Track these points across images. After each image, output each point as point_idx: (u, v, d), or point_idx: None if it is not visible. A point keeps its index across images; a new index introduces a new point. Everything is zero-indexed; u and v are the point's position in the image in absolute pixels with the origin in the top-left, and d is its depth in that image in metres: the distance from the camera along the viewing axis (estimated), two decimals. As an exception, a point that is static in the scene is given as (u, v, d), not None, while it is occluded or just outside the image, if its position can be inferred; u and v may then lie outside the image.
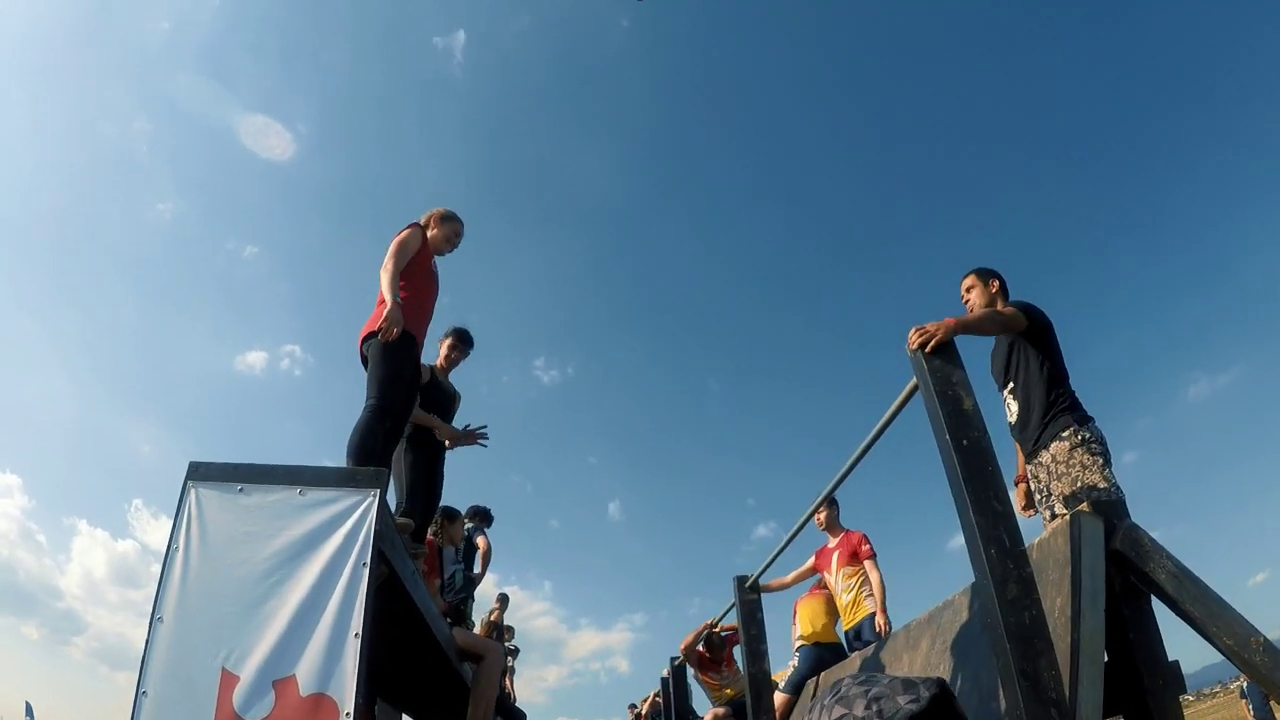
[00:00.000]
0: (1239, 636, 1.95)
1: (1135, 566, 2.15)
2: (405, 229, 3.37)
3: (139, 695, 2.14)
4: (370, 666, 2.19)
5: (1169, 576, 2.07)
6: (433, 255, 3.49)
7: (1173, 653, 2.15)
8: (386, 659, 3.75)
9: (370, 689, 3.88)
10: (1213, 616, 2.00)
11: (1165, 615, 2.15)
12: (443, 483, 4.06)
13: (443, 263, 3.63)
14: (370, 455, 2.82)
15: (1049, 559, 2.26)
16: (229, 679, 2.13)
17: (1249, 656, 1.92)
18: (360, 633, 2.17)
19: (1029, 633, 1.81)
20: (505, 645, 7.85)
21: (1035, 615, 1.83)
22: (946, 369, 2.18)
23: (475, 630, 5.99)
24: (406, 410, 3.33)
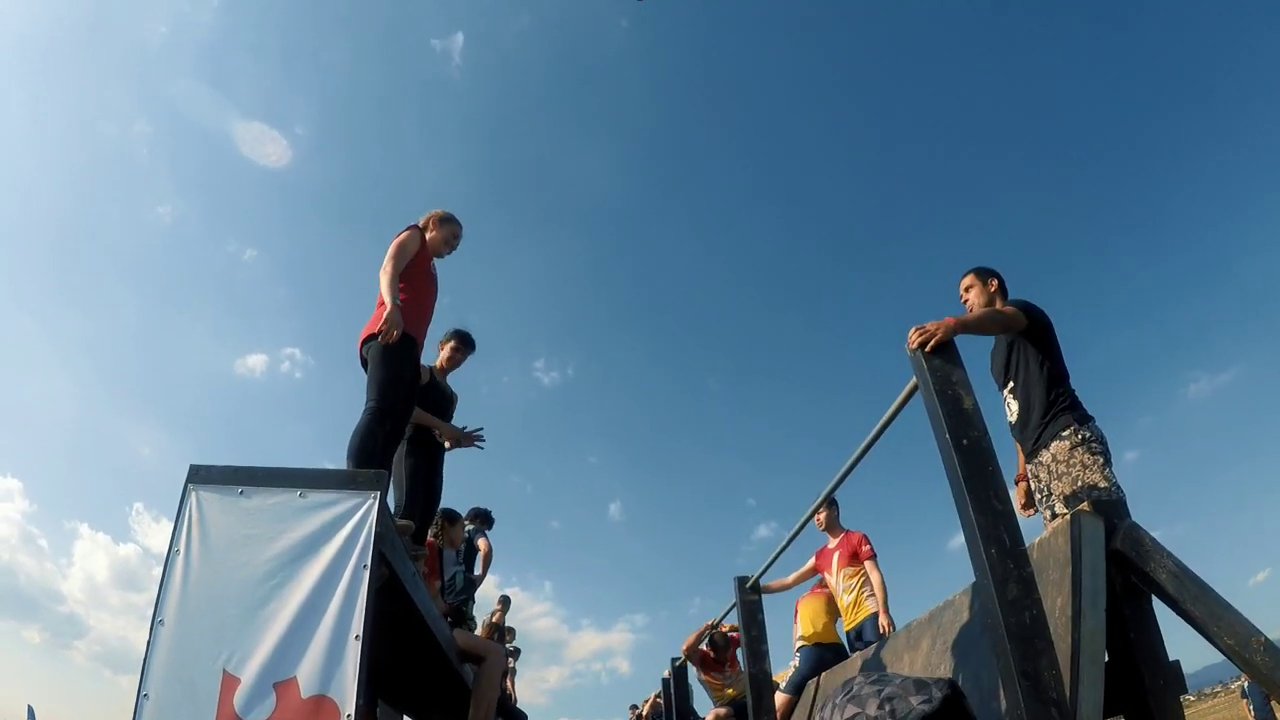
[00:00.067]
0: (1240, 636, 1.94)
1: (1136, 566, 2.14)
2: (404, 231, 3.37)
3: (140, 698, 2.14)
4: (371, 668, 2.19)
5: (1170, 576, 2.07)
6: (432, 257, 3.50)
7: (1173, 652, 2.14)
8: (387, 660, 3.75)
9: (371, 690, 3.88)
10: (1213, 616, 2.00)
11: (1166, 615, 2.15)
12: (442, 484, 4.07)
13: (442, 264, 3.63)
14: (370, 457, 2.83)
15: (1049, 559, 2.25)
16: (230, 681, 2.13)
17: (1250, 656, 1.92)
18: (361, 634, 2.17)
19: (1029, 632, 1.80)
20: (506, 646, 7.85)
21: (1036, 615, 1.83)
22: (946, 368, 2.18)
23: (477, 631, 5.99)
24: (406, 412, 3.33)
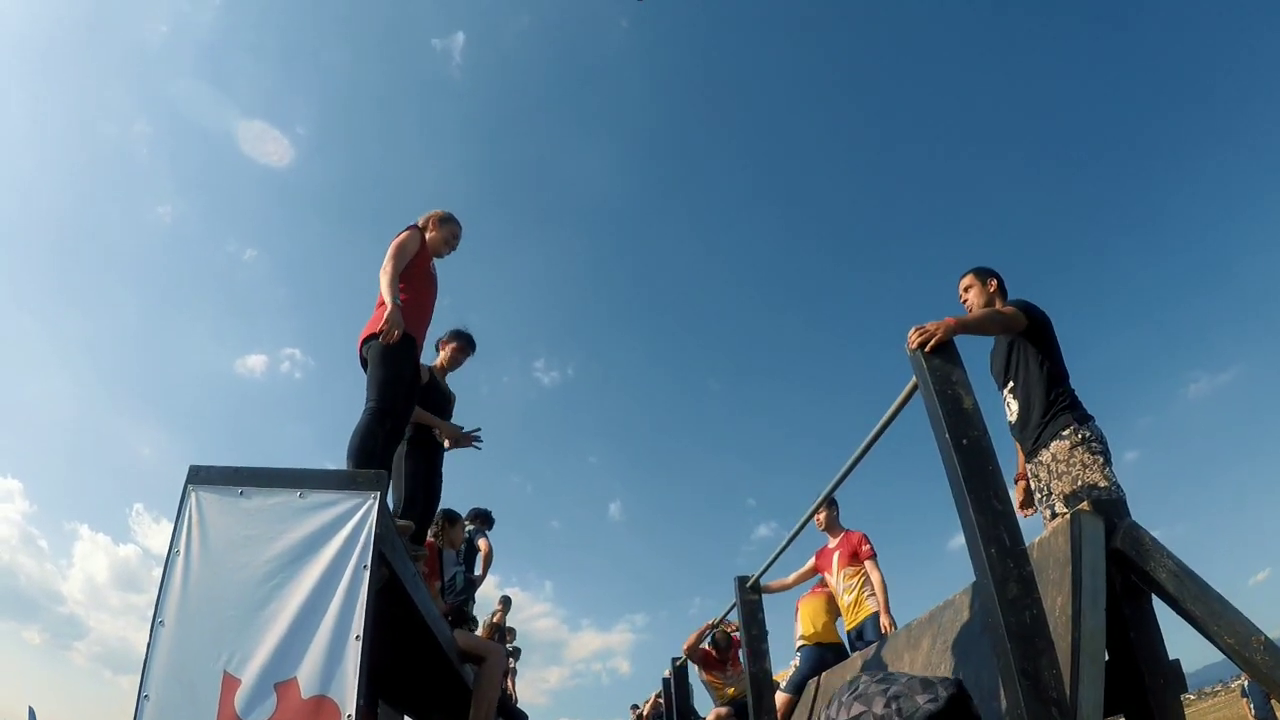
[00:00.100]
0: (1240, 635, 1.94)
1: (1136, 565, 2.14)
2: (404, 231, 3.37)
3: (141, 699, 2.14)
4: (371, 668, 2.19)
5: (1170, 575, 2.07)
6: (431, 257, 3.50)
7: (1174, 651, 2.14)
8: (388, 661, 3.75)
9: (372, 691, 3.88)
10: (1213, 615, 2.00)
11: (1166, 614, 2.15)
12: (442, 484, 4.07)
13: (442, 264, 3.63)
14: (370, 458, 2.83)
15: (1049, 558, 2.25)
16: (230, 682, 2.13)
17: (1250, 655, 1.92)
18: (361, 635, 2.17)
19: (1029, 632, 1.80)
20: (507, 646, 7.85)
21: (1036, 614, 1.83)
22: (946, 368, 2.17)
23: (477, 632, 5.99)
24: (406, 412, 3.33)
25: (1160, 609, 2.17)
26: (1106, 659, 2.05)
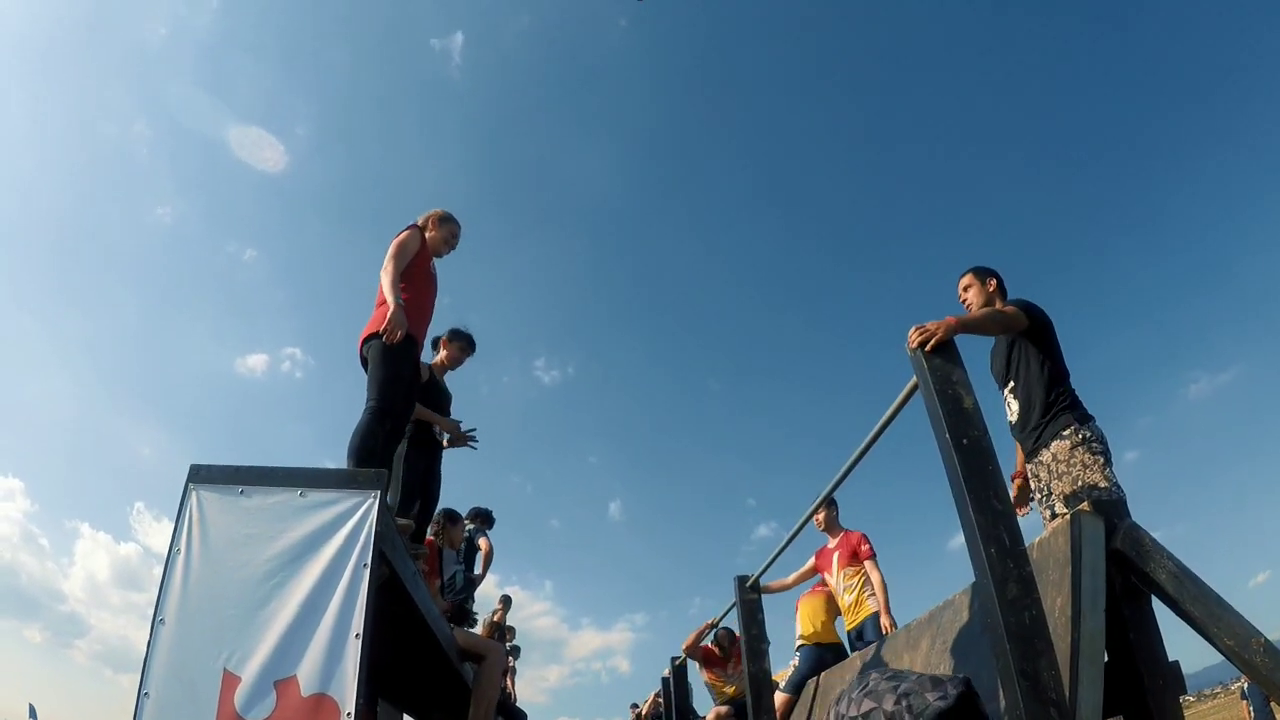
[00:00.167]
0: (1239, 637, 1.94)
1: (1136, 566, 2.14)
2: (404, 230, 3.38)
3: (141, 697, 2.15)
4: (371, 667, 2.19)
5: (1169, 576, 2.07)
6: (432, 256, 3.50)
7: (1173, 653, 2.14)
8: (388, 659, 3.75)
9: (371, 689, 3.89)
10: (1213, 617, 1.99)
11: (1166, 615, 2.15)
12: (440, 483, 4.07)
13: (443, 263, 3.63)
14: (371, 457, 2.83)
15: (1049, 558, 2.25)
16: (230, 680, 2.14)
17: (1249, 657, 1.92)
18: (361, 633, 2.17)
19: (1029, 633, 1.80)
20: (506, 645, 7.86)
21: (1035, 615, 1.83)
22: (947, 368, 2.17)
23: (477, 630, 6.00)
24: (407, 412, 3.34)
25: (1160, 610, 2.17)
26: (1106, 660, 2.05)
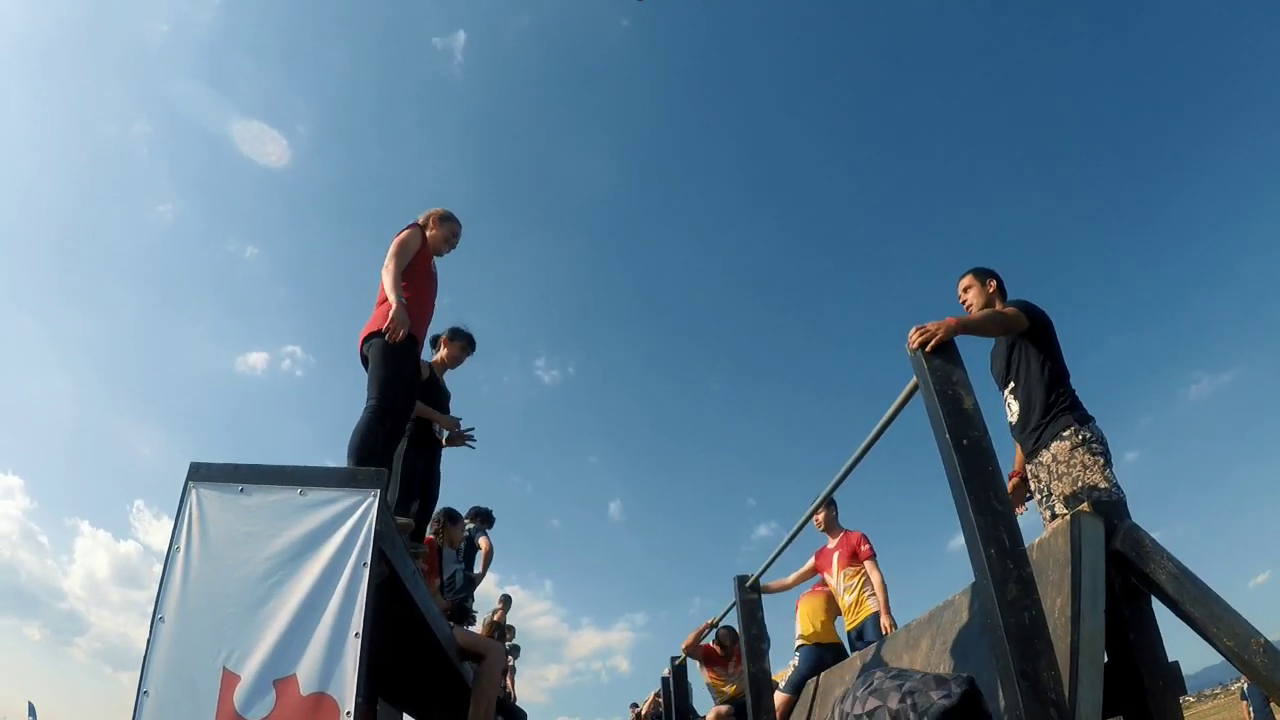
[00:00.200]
0: (1239, 638, 1.94)
1: (1136, 567, 2.14)
2: (405, 229, 3.38)
3: (141, 695, 2.15)
4: (371, 666, 2.19)
5: (1169, 577, 2.07)
6: (432, 255, 3.51)
7: (1173, 654, 2.14)
8: (387, 658, 3.75)
9: (371, 688, 3.89)
10: (1213, 618, 1.99)
11: (1166, 616, 2.15)
12: (439, 482, 4.07)
13: (443, 263, 3.63)
14: (371, 455, 2.83)
15: (1049, 559, 2.25)
16: (230, 678, 2.13)
17: (1249, 658, 1.92)
18: (361, 632, 2.17)
19: (1029, 633, 1.80)
20: (506, 644, 7.86)
21: (1035, 615, 1.83)
22: (947, 368, 2.17)
23: (477, 629, 6.00)
24: (407, 411, 3.34)
25: (1160, 611, 2.17)
26: (1106, 661, 2.05)
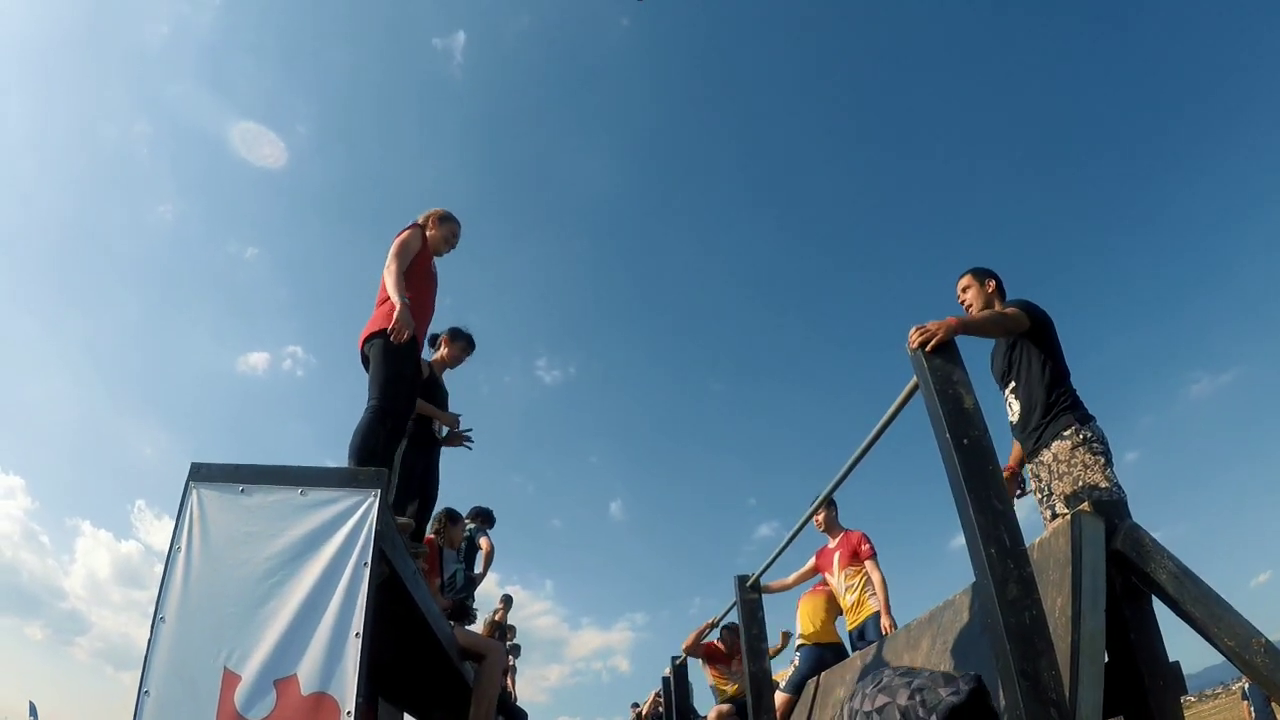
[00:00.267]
0: (1240, 638, 1.94)
1: (1136, 567, 2.14)
2: (405, 229, 3.38)
3: (141, 694, 2.15)
4: (371, 665, 2.19)
5: (1170, 577, 2.07)
6: (432, 255, 3.51)
7: (1174, 653, 2.14)
8: (388, 658, 3.76)
9: (372, 688, 3.89)
10: (1214, 617, 1.99)
11: (1166, 616, 2.15)
12: (439, 481, 4.08)
13: (443, 263, 3.64)
14: (372, 456, 2.84)
15: (1049, 559, 2.25)
16: (231, 678, 2.14)
17: (1250, 658, 1.92)
18: (361, 632, 2.17)
19: (1029, 633, 1.80)
20: (507, 644, 7.86)
21: (1035, 615, 1.83)
22: (947, 368, 2.17)
23: (477, 629, 6.00)
24: (408, 411, 3.34)
25: (1160, 611, 2.17)
26: (1106, 660, 2.05)
